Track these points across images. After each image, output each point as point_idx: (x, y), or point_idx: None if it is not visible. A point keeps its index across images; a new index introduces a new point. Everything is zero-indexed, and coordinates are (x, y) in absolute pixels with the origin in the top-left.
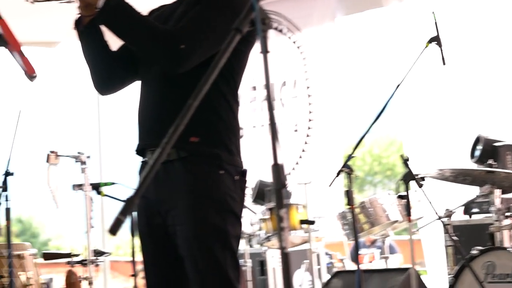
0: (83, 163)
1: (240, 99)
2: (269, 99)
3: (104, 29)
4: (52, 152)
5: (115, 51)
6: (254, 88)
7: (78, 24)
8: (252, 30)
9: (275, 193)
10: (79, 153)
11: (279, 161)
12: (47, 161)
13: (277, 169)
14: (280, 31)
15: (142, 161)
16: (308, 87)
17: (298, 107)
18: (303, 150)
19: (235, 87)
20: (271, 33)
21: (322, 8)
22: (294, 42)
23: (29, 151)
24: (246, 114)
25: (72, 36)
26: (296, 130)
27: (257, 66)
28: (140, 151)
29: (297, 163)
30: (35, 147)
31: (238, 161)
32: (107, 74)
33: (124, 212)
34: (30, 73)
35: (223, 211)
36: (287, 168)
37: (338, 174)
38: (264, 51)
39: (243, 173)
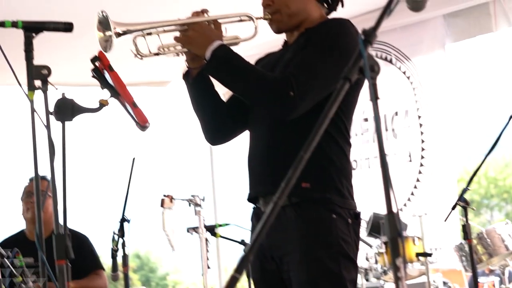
0: (198, 205)
1: (352, 133)
2: (382, 147)
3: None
4: (166, 196)
5: (225, 102)
6: (366, 119)
7: (187, 76)
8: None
9: (390, 242)
10: (193, 195)
11: (394, 209)
12: (162, 205)
13: (392, 218)
14: (390, 61)
15: (254, 207)
16: (420, 117)
17: (411, 137)
18: (418, 180)
19: (346, 129)
20: (381, 64)
21: (432, 35)
22: (404, 72)
23: (144, 195)
24: (358, 146)
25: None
26: (410, 161)
27: (368, 98)
28: (251, 199)
29: (412, 194)
30: (150, 191)
31: (351, 204)
32: (218, 125)
33: (239, 270)
34: (143, 124)
35: (337, 255)
36: (401, 200)
37: (453, 207)
38: (374, 98)
39: (357, 215)
